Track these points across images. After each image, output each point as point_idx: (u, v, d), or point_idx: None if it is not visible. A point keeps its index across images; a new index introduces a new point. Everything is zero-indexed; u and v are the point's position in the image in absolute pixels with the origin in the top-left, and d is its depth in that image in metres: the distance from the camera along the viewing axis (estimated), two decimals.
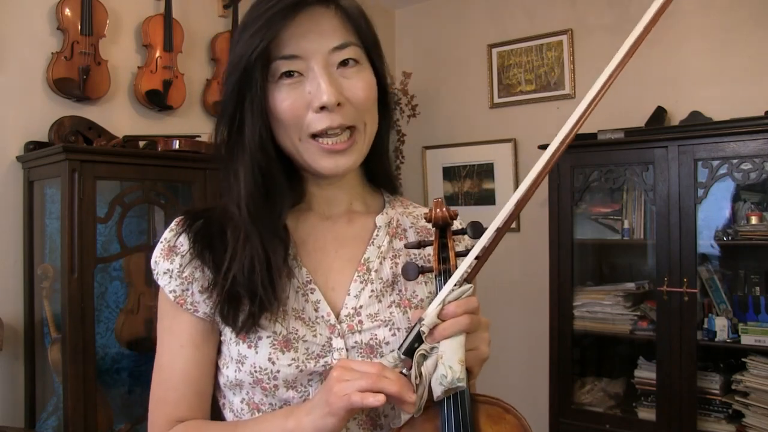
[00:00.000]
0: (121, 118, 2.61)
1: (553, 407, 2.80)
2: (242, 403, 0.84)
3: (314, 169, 0.84)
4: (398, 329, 0.84)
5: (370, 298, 0.86)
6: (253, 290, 0.80)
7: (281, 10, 0.78)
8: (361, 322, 0.84)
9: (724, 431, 2.43)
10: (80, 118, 2.43)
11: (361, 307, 0.85)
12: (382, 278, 0.88)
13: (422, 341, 0.73)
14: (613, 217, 2.82)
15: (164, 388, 0.86)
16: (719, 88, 2.74)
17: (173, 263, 0.85)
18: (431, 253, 0.82)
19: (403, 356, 0.74)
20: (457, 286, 0.75)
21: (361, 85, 0.82)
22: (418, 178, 3.67)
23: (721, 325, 2.44)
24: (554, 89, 3.21)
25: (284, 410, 0.79)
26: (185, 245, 0.85)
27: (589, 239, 2.90)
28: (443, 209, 0.81)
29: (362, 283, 0.86)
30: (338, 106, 0.80)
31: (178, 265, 0.84)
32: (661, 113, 2.78)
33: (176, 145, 2.35)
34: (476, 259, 0.76)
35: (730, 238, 2.53)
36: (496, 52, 3.40)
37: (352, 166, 0.84)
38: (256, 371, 0.80)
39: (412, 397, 0.71)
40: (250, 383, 0.81)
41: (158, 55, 2.67)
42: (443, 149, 3.58)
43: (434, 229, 0.82)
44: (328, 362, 0.81)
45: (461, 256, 0.78)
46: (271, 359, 0.80)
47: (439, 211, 0.81)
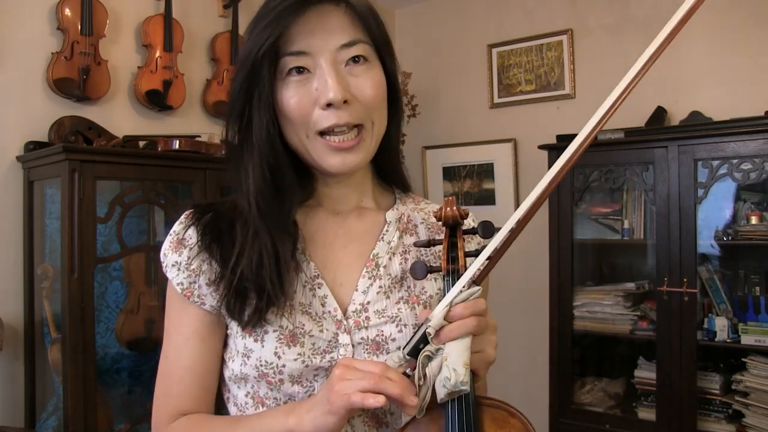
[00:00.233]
0: (121, 118, 2.61)
1: (553, 407, 2.79)
2: (247, 396, 0.84)
3: (321, 166, 0.84)
4: (405, 326, 0.84)
5: (378, 294, 0.85)
6: (260, 285, 0.79)
7: (290, 6, 0.78)
8: (368, 318, 0.83)
9: (724, 431, 2.43)
10: (80, 118, 2.43)
11: (368, 303, 0.84)
12: (390, 274, 0.87)
13: (428, 342, 0.72)
14: (613, 217, 2.82)
15: (170, 380, 0.86)
16: (719, 88, 2.74)
17: (181, 256, 0.85)
18: (441, 251, 0.81)
19: (407, 357, 0.73)
20: (465, 287, 0.74)
21: (369, 83, 0.82)
22: (418, 178, 3.66)
23: (721, 325, 2.44)
24: (554, 89, 3.21)
25: (286, 406, 0.78)
26: (194, 238, 0.85)
27: (589, 239, 2.90)
28: (453, 208, 0.80)
29: (370, 278, 0.86)
30: (345, 103, 0.79)
31: (186, 257, 0.84)
32: (661, 113, 2.78)
33: (176, 145, 2.35)
34: (487, 260, 0.75)
35: (730, 238, 2.53)
36: (496, 52, 3.39)
37: (359, 164, 0.84)
38: (261, 365, 0.80)
39: (413, 400, 0.70)
40: (255, 377, 0.81)
41: (158, 55, 2.67)
42: (443, 149, 3.57)
43: (444, 227, 0.81)
44: (334, 358, 0.80)
45: (470, 256, 0.77)
46: (277, 353, 0.80)
47: (449, 209, 0.80)
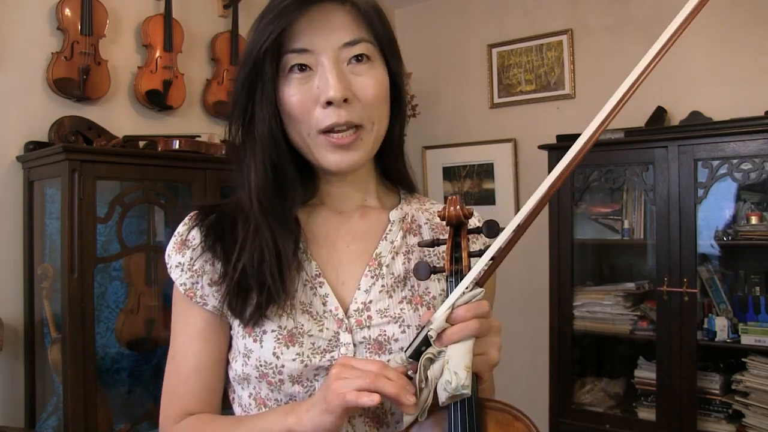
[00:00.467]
0: (121, 118, 2.61)
1: (553, 407, 2.79)
2: (250, 397, 0.85)
3: (321, 164, 0.83)
4: (408, 326, 0.83)
5: (380, 293, 0.84)
6: (261, 281, 0.80)
7: (294, 2, 0.78)
8: (370, 317, 0.83)
9: (724, 431, 2.43)
10: (80, 118, 2.43)
11: (370, 302, 0.84)
12: (393, 273, 0.86)
13: (430, 344, 0.71)
14: (613, 217, 2.82)
15: (175, 380, 0.87)
16: (719, 88, 2.74)
17: (184, 257, 0.86)
18: (444, 251, 0.79)
19: (409, 359, 0.72)
20: (468, 288, 0.73)
21: (371, 82, 0.81)
22: (418, 178, 3.62)
23: (721, 325, 2.44)
24: (554, 89, 3.21)
25: (287, 406, 0.78)
26: (197, 239, 0.85)
27: (589, 239, 2.90)
28: (457, 207, 0.78)
29: (373, 277, 0.85)
30: (345, 102, 0.79)
31: (188, 258, 0.85)
32: (661, 113, 2.78)
33: (176, 145, 2.35)
34: (491, 260, 0.74)
35: (730, 238, 2.52)
36: (496, 52, 3.39)
37: (357, 162, 0.83)
38: (261, 365, 0.81)
39: (410, 399, 0.69)
40: (256, 377, 0.82)
41: (158, 55, 2.67)
42: (443, 149, 3.57)
43: (448, 227, 0.80)
44: (334, 357, 0.80)
45: (475, 256, 0.76)
46: (275, 353, 0.80)
47: (452, 209, 0.78)
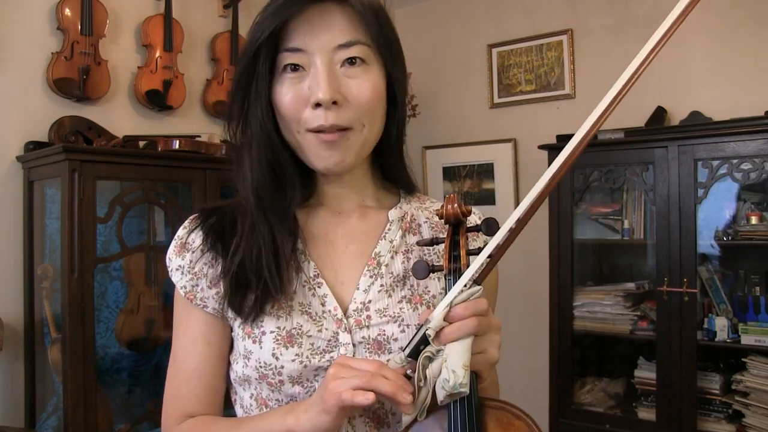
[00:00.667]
0: (121, 118, 2.61)
1: (553, 407, 2.79)
2: (251, 398, 0.85)
3: (311, 163, 0.83)
4: (408, 326, 0.82)
5: (379, 293, 0.84)
6: (259, 275, 0.80)
7: (291, 0, 0.78)
8: (369, 317, 0.83)
9: (724, 431, 2.43)
10: (80, 118, 2.43)
11: (369, 301, 0.83)
12: (392, 273, 0.86)
13: (428, 343, 0.71)
14: (613, 217, 2.81)
15: (177, 382, 0.87)
16: (719, 88, 2.74)
17: (184, 259, 0.86)
18: (443, 250, 0.79)
19: (408, 358, 0.72)
20: (466, 286, 0.72)
21: (364, 85, 0.80)
22: (418, 178, 3.62)
23: (721, 325, 2.44)
24: (554, 89, 3.21)
25: (286, 407, 0.79)
26: (197, 242, 0.86)
27: (589, 239, 2.90)
28: (455, 205, 0.77)
29: (372, 277, 0.85)
30: (335, 104, 0.78)
31: (188, 261, 0.86)
32: (661, 113, 2.78)
33: (176, 145, 2.35)
34: (489, 257, 0.73)
35: (730, 238, 2.52)
36: (496, 52, 3.39)
37: (343, 161, 0.82)
38: (261, 366, 0.81)
39: (407, 398, 0.68)
40: (256, 378, 0.82)
41: (158, 55, 2.67)
42: (443, 149, 3.57)
43: (447, 225, 0.80)
44: (333, 357, 0.80)
45: (473, 254, 0.75)
46: (274, 354, 0.80)
47: (450, 207, 0.77)
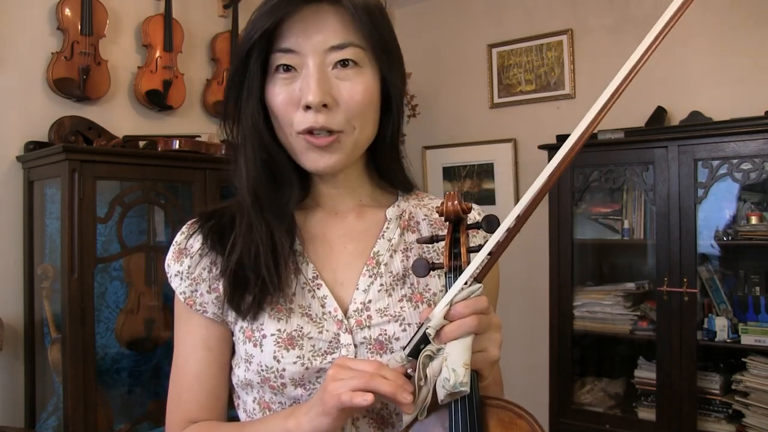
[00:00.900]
0: (121, 118, 2.61)
1: (553, 407, 2.79)
2: (254, 402, 0.84)
3: (302, 164, 0.83)
4: (409, 324, 0.82)
5: (379, 292, 0.84)
6: (257, 273, 0.80)
7: (285, 0, 0.77)
8: (369, 317, 0.82)
9: (724, 431, 2.43)
10: (80, 118, 2.43)
11: (369, 301, 0.83)
12: (392, 272, 0.85)
13: (429, 342, 0.70)
14: (613, 217, 2.81)
15: (179, 388, 0.87)
16: (719, 88, 2.74)
17: (183, 265, 0.86)
18: (443, 247, 0.78)
19: (409, 357, 0.71)
20: (467, 284, 0.71)
21: (356, 88, 0.79)
22: (418, 178, 3.65)
23: (721, 325, 2.44)
24: (554, 89, 3.21)
25: (287, 410, 0.78)
26: (195, 246, 0.86)
27: (589, 239, 2.90)
28: (455, 202, 0.76)
29: (371, 277, 0.84)
30: (325, 107, 0.78)
31: (187, 266, 0.85)
32: (661, 113, 2.78)
33: (176, 145, 2.35)
34: (489, 255, 0.72)
35: (730, 238, 2.52)
36: (496, 52, 3.39)
37: (334, 164, 0.81)
38: (262, 370, 0.80)
39: (407, 398, 0.68)
40: (258, 382, 0.81)
41: (158, 55, 2.67)
42: (443, 149, 3.57)
43: (447, 222, 0.78)
44: (335, 359, 0.79)
45: (474, 251, 0.74)
46: (276, 357, 0.79)
47: (450, 204, 0.76)
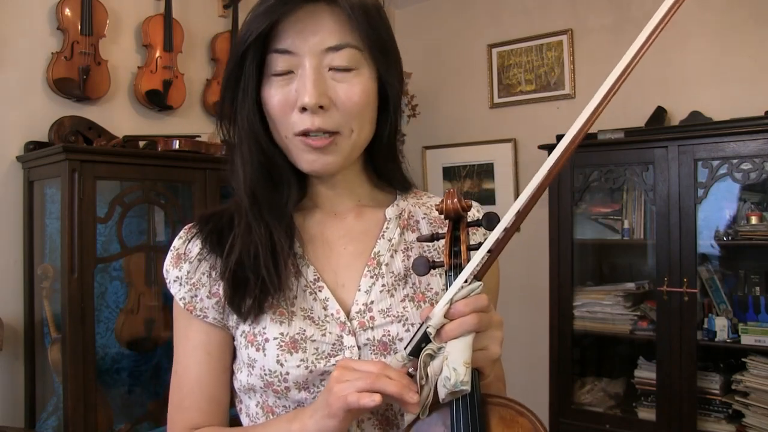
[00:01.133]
0: (121, 118, 2.61)
1: (553, 407, 2.79)
2: (257, 406, 0.84)
3: (299, 165, 0.83)
4: (412, 325, 0.81)
5: (381, 293, 0.83)
6: (257, 273, 0.79)
7: (281, 0, 0.77)
8: (372, 318, 0.81)
9: (724, 431, 2.43)
10: (80, 118, 2.43)
11: (372, 302, 0.82)
12: (393, 272, 0.85)
13: (430, 341, 0.70)
14: (613, 217, 2.82)
15: (180, 394, 0.86)
16: (719, 88, 2.74)
17: (181, 270, 0.85)
18: (444, 245, 0.77)
19: (410, 356, 0.71)
20: (467, 282, 0.71)
21: (353, 89, 0.79)
22: (418, 178, 3.66)
23: (721, 325, 2.44)
24: (554, 89, 3.21)
25: (290, 414, 0.78)
26: (194, 251, 0.85)
27: (589, 239, 2.90)
28: (455, 200, 0.76)
29: (372, 277, 0.84)
30: (321, 108, 0.77)
31: (186, 271, 0.85)
32: (661, 113, 2.78)
33: (176, 145, 2.35)
34: (489, 252, 0.72)
35: (730, 238, 2.53)
36: (496, 52, 3.39)
37: (331, 165, 0.81)
38: (266, 374, 0.80)
39: (413, 397, 0.68)
40: (261, 387, 0.81)
41: (158, 55, 2.67)
42: (443, 149, 3.57)
43: (447, 220, 0.78)
44: (338, 362, 0.78)
45: (474, 249, 0.74)
46: (279, 361, 0.79)
47: (450, 202, 0.76)
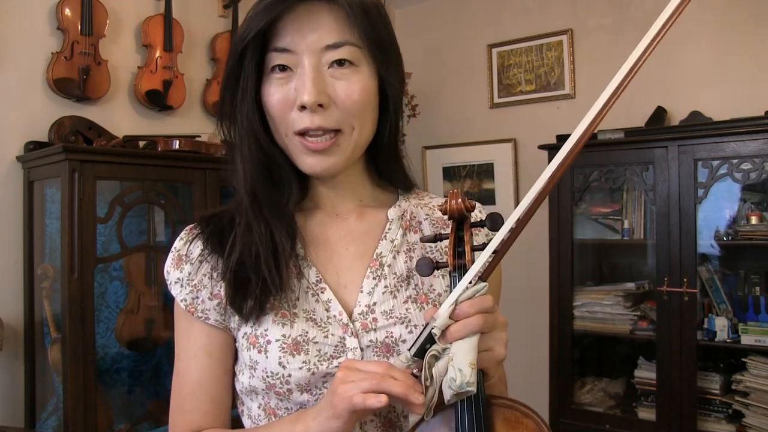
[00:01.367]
0: (121, 118, 2.61)
1: (553, 407, 2.79)
2: (259, 408, 0.83)
3: (299, 167, 0.82)
4: (415, 326, 0.81)
5: (384, 294, 0.83)
6: (258, 273, 0.79)
7: None
8: (375, 319, 0.81)
9: (724, 431, 2.43)
10: (80, 118, 2.43)
11: (374, 304, 0.82)
12: (396, 273, 0.84)
13: (434, 342, 0.70)
14: (613, 217, 2.81)
15: (181, 396, 0.86)
16: (719, 88, 2.74)
17: (182, 272, 0.84)
18: (447, 246, 0.77)
19: (414, 358, 0.71)
20: (471, 283, 0.71)
21: (352, 87, 0.78)
22: (418, 178, 3.64)
23: (721, 325, 2.44)
24: (554, 89, 3.21)
25: (293, 415, 0.77)
26: (195, 252, 0.85)
27: (589, 239, 2.90)
28: (459, 200, 0.75)
29: (375, 279, 0.83)
30: (321, 107, 0.77)
31: (187, 273, 0.84)
32: (661, 113, 2.78)
33: (176, 145, 2.35)
34: (494, 253, 0.71)
35: (730, 238, 2.52)
36: (496, 52, 3.39)
37: (332, 166, 0.81)
38: (268, 376, 0.79)
39: (419, 398, 0.67)
40: (263, 389, 0.80)
41: (158, 55, 2.67)
42: (443, 149, 3.57)
43: (450, 221, 0.77)
44: (341, 363, 0.78)
45: (478, 250, 0.73)
46: (281, 363, 0.78)
47: (454, 202, 0.75)
